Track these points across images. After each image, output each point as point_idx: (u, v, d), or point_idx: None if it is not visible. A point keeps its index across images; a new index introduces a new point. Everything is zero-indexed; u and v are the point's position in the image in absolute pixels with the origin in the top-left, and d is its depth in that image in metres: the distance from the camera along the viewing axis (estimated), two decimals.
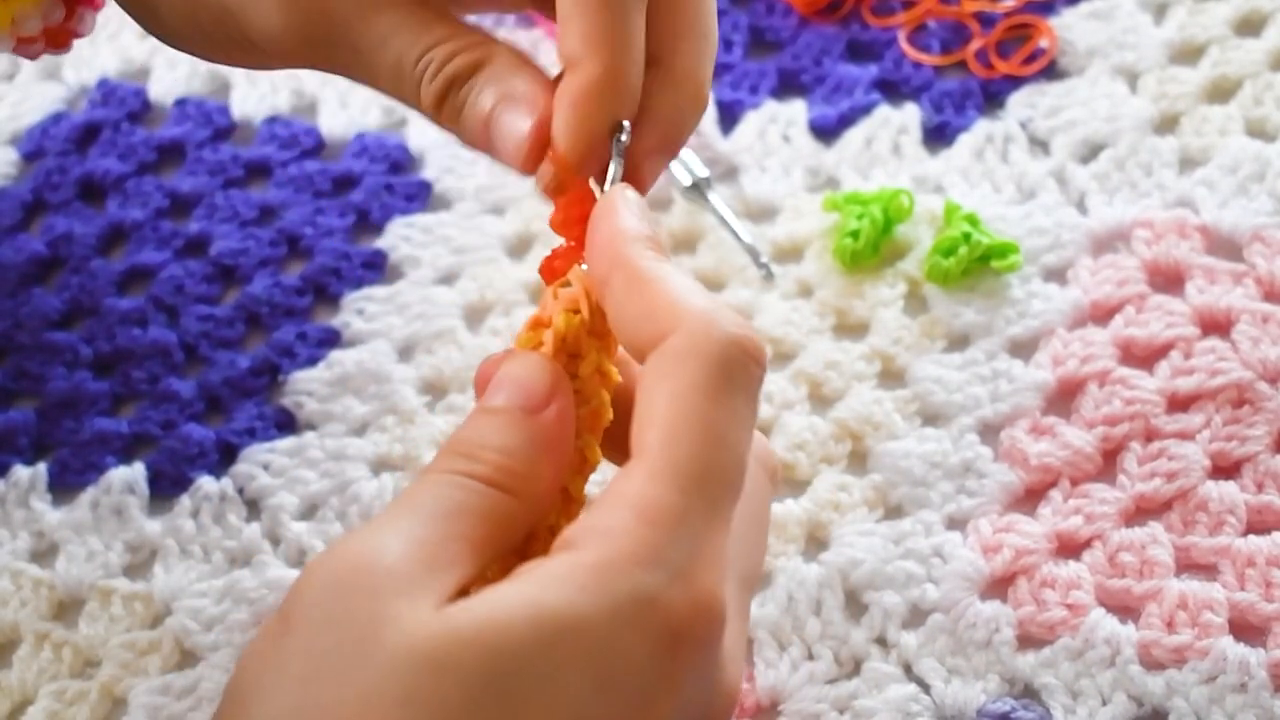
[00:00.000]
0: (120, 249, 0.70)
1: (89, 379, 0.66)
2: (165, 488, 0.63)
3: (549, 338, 0.46)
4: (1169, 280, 0.67)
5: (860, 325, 0.66)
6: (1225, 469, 0.61)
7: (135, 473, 0.63)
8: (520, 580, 0.41)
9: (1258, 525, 0.59)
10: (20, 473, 0.63)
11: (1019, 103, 0.73)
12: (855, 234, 0.67)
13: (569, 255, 0.48)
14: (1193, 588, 0.57)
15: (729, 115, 0.74)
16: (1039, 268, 0.67)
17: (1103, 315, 0.66)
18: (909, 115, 0.73)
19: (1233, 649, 0.56)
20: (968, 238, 0.67)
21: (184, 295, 0.68)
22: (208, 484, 0.62)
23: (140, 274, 0.69)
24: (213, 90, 0.76)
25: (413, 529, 0.42)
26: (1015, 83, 0.74)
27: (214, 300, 0.68)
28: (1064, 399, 0.63)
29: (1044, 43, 0.75)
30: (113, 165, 0.73)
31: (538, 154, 0.49)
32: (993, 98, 0.74)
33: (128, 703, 0.57)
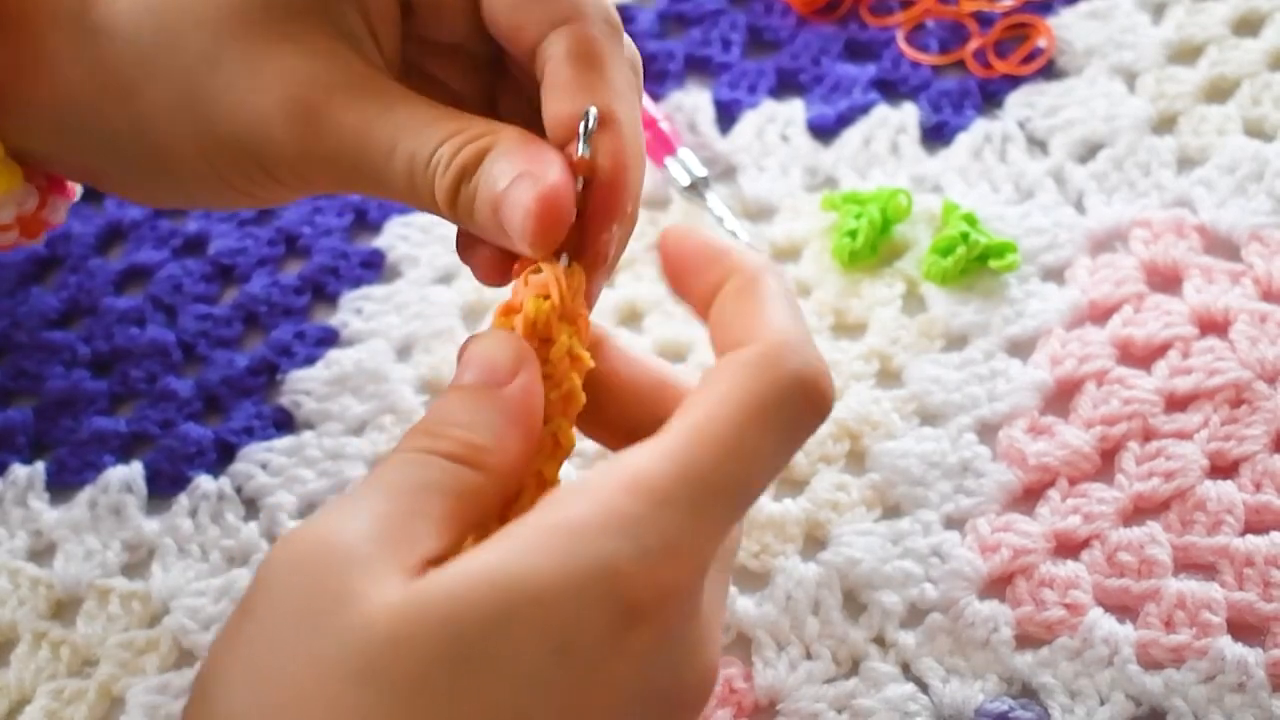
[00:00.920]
0: (118, 248, 0.70)
1: (87, 378, 0.65)
2: (163, 487, 0.62)
3: (519, 323, 0.47)
4: (1167, 280, 0.67)
5: (858, 325, 0.66)
6: (1223, 468, 0.61)
7: (133, 472, 0.63)
8: (490, 545, 0.41)
9: (1256, 525, 0.59)
10: (18, 471, 0.63)
11: (1017, 102, 0.73)
12: (853, 233, 0.67)
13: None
14: (1191, 587, 0.57)
15: (727, 115, 0.74)
16: (1037, 267, 0.67)
17: (1101, 315, 0.66)
18: (907, 115, 0.73)
19: (1231, 648, 0.56)
20: (966, 237, 0.66)
21: (182, 294, 0.68)
22: (206, 483, 0.62)
23: (138, 273, 0.69)
24: None
25: (374, 506, 0.42)
26: (1013, 82, 0.74)
27: (212, 299, 0.68)
28: (1062, 398, 0.63)
29: (1042, 42, 0.75)
30: None
31: (547, 224, 0.47)
32: (991, 97, 0.74)
33: (125, 702, 0.57)
